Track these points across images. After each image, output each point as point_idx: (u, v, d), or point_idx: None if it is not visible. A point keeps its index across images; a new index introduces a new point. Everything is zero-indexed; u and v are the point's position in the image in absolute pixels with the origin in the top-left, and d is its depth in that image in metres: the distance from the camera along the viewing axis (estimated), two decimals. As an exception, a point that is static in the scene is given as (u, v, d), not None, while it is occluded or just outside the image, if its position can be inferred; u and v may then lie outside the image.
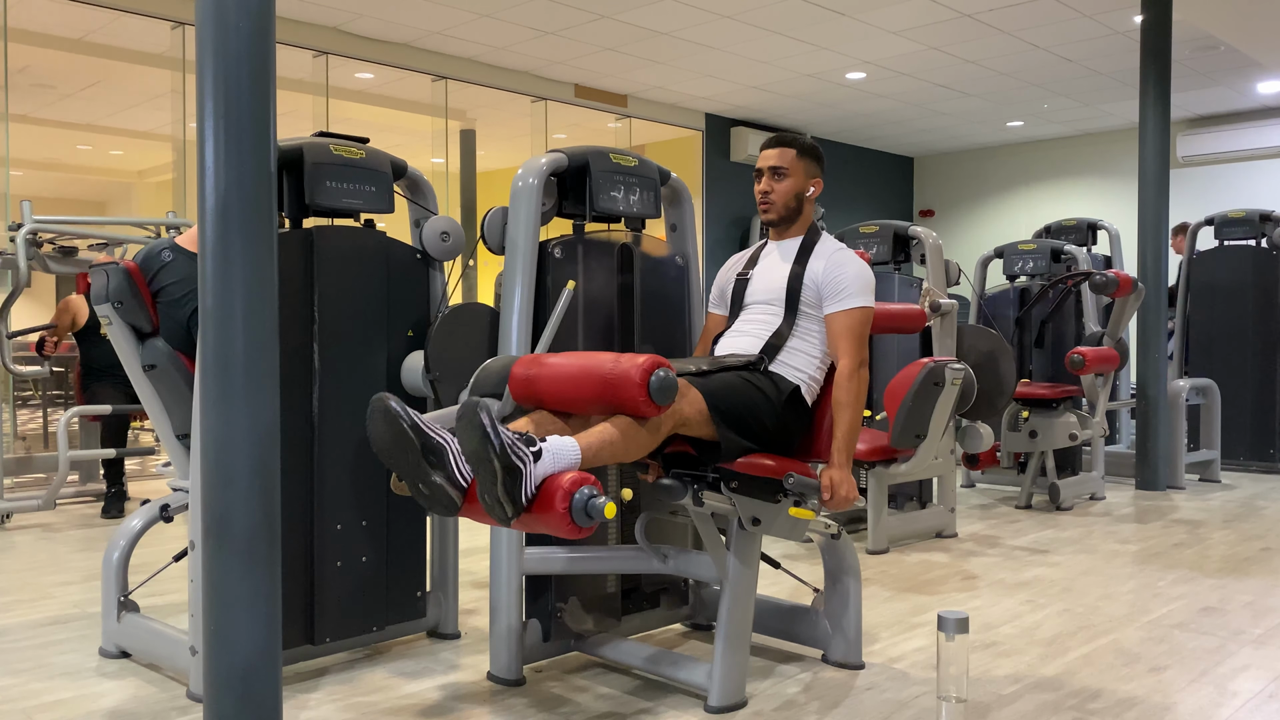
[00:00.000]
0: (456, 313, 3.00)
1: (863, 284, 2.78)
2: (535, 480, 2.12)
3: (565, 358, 2.42)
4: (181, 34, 6.87)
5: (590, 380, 2.32)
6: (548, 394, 2.41)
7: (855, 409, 2.66)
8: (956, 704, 2.38)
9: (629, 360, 2.28)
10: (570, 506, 2.08)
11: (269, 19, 2.21)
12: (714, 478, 2.62)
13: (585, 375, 2.33)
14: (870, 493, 4.48)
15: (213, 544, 2.20)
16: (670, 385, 2.27)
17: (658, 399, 2.26)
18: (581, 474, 2.15)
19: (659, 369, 2.26)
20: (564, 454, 2.18)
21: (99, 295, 2.98)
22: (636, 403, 2.26)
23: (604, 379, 2.29)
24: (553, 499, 2.09)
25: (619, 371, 2.27)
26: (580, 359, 2.38)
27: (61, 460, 5.01)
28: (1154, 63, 6.38)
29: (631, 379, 2.24)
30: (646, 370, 2.25)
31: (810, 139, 2.95)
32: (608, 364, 2.30)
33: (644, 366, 2.25)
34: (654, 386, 2.25)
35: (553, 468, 2.15)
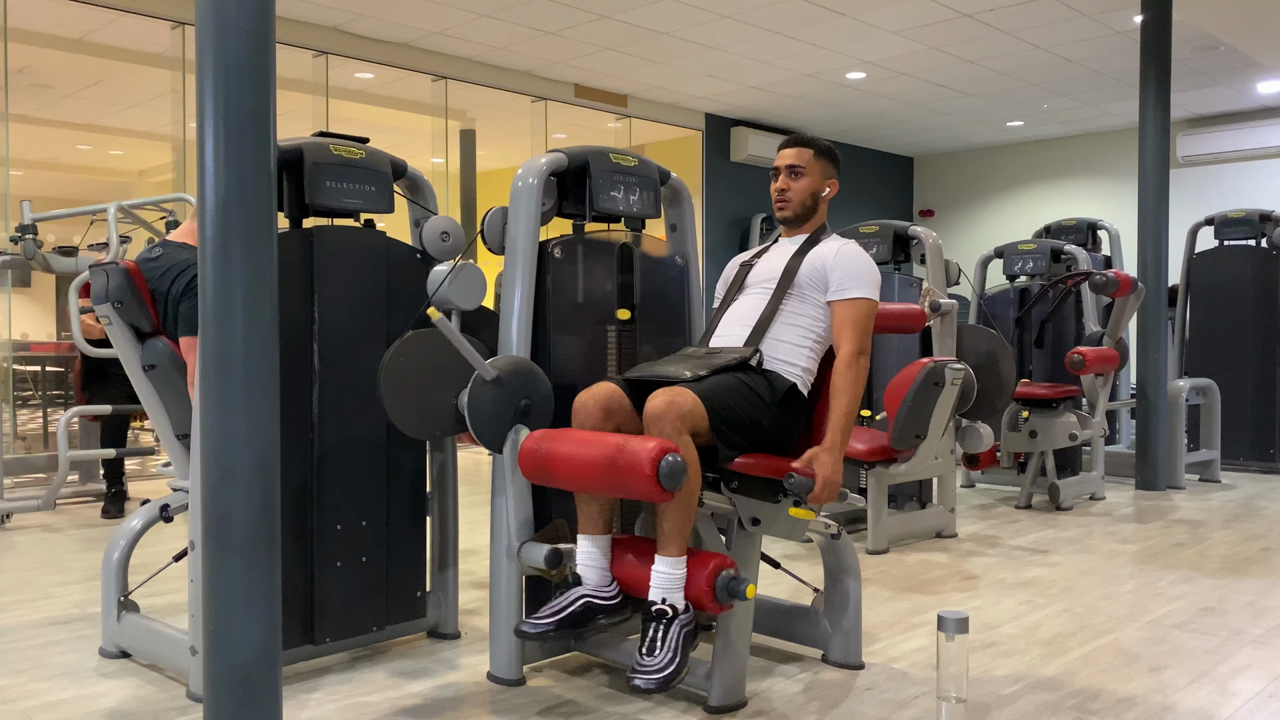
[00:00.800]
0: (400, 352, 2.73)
1: (870, 277, 2.79)
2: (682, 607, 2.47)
3: (573, 443, 2.49)
4: (181, 34, 6.88)
5: (600, 470, 2.39)
6: (557, 476, 2.52)
7: (852, 395, 2.66)
8: (956, 704, 2.38)
9: (637, 448, 2.32)
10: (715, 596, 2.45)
11: (269, 19, 2.21)
12: (714, 478, 2.63)
13: (594, 466, 2.40)
14: (870, 493, 4.48)
15: (213, 544, 2.20)
16: (679, 471, 2.31)
17: (667, 486, 2.30)
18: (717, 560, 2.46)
19: (666, 456, 2.30)
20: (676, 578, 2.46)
21: (99, 295, 2.98)
22: (650, 493, 2.31)
23: (613, 469, 2.35)
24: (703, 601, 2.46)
25: (628, 463, 2.32)
26: (588, 448, 2.44)
27: (61, 460, 5.01)
28: (1154, 63, 6.38)
29: (642, 470, 2.29)
30: (654, 460, 2.29)
31: (830, 143, 2.97)
32: (613, 451, 2.36)
33: (652, 457, 2.29)
34: (663, 473, 2.29)
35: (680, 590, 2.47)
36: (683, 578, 2.46)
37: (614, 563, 2.63)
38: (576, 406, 2.61)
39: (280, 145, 2.72)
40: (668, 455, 2.29)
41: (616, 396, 2.59)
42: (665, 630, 2.43)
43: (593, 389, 2.61)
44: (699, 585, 2.43)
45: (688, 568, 2.46)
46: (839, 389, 2.67)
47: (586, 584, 2.60)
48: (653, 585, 2.47)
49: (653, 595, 2.46)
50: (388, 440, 3.00)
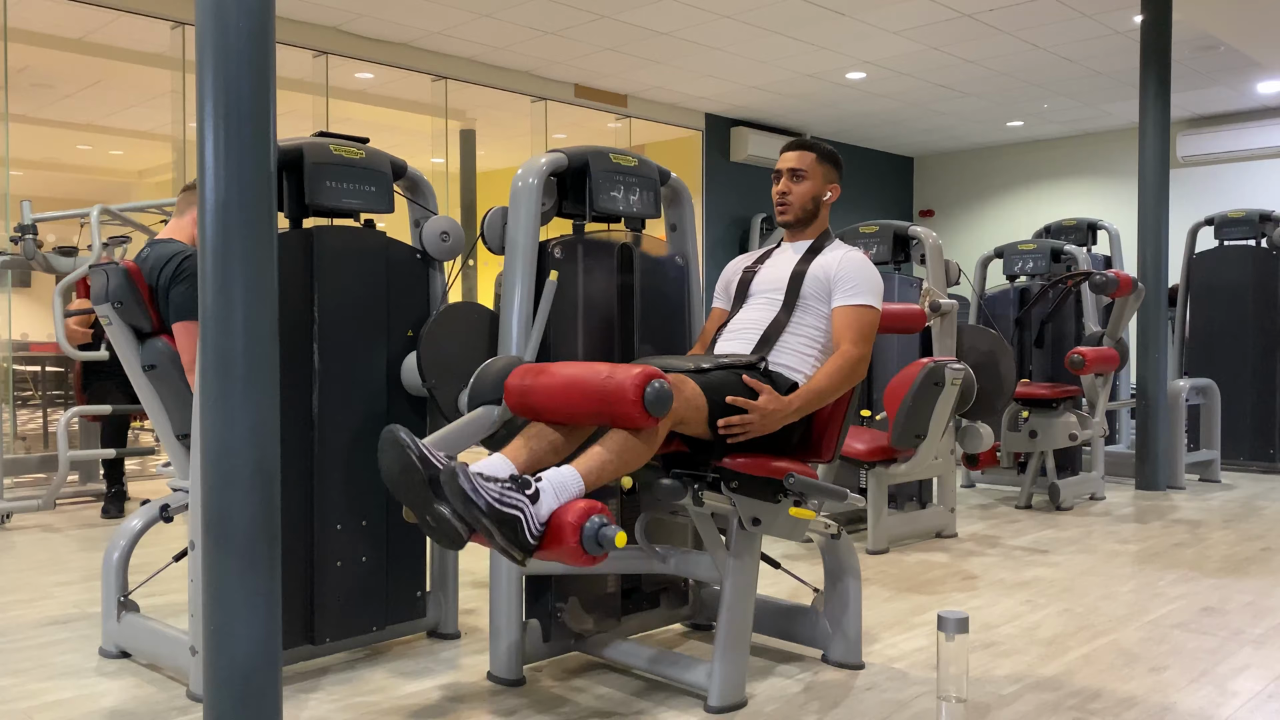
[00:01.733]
0: (447, 314, 3.00)
1: (873, 286, 2.80)
2: (539, 520, 2.12)
3: (560, 369, 2.41)
4: (181, 34, 6.87)
5: (585, 394, 2.30)
6: (543, 407, 2.41)
7: (830, 383, 2.66)
8: (956, 704, 2.38)
9: (623, 372, 2.27)
10: (581, 539, 2.10)
11: (269, 19, 2.21)
12: (714, 478, 2.62)
13: (579, 388, 2.31)
14: (870, 493, 4.48)
15: (213, 544, 2.20)
16: (666, 397, 2.26)
17: (653, 411, 2.25)
18: (589, 503, 2.14)
19: (653, 380, 2.25)
20: (566, 486, 2.18)
21: (99, 295, 2.98)
22: (632, 416, 2.25)
23: (598, 392, 2.27)
24: (562, 533, 2.11)
25: (613, 384, 2.25)
26: (574, 370, 2.37)
27: (61, 460, 5.01)
28: (1154, 63, 6.38)
29: (626, 393, 2.23)
30: (640, 384, 2.23)
31: (832, 147, 2.97)
32: (601, 376, 2.29)
33: (638, 380, 2.24)
34: (649, 399, 2.24)
35: (556, 502, 2.15)
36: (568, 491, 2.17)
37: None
38: None
39: (280, 145, 2.72)
40: (654, 381, 2.25)
41: None
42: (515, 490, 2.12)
43: None
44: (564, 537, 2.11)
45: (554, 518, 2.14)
46: (824, 371, 2.68)
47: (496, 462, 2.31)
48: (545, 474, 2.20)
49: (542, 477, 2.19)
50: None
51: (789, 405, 2.59)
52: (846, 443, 4.17)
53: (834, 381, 2.67)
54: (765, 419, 2.55)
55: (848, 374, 2.69)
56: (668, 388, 2.26)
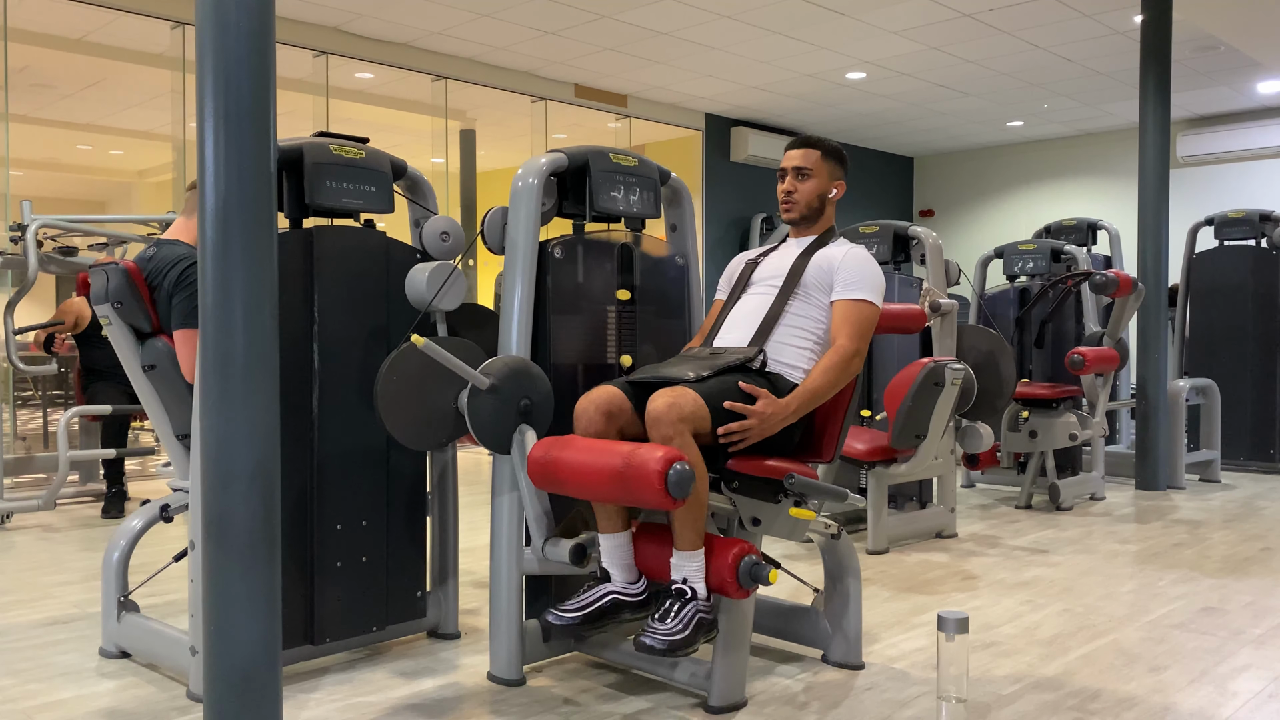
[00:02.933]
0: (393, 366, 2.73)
1: (874, 282, 2.80)
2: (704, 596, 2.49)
3: (581, 451, 2.48)
4: (181, 34, 6.87)
5: (608, 479, 2.38)
6: (566, 484, 2.50)
7: (826, 381, 2.68)
8: (956, 704, 2.38)
9: (646, 455, 2.32)
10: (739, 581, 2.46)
11: (269, 19, 2.21)
12: (714, 478, 2.63)
13: (603, 476, 2.39)
14: (870, 493, 4.48)
15: (213, 544, 2.20)
16: (687, 479, 2.31)
17: (676, 494, 2.30)
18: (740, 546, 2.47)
19: (675, 465, 2.30)
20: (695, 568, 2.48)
21: (99, 295, 2.98)
22: (656, 500, 2.31)
23: (621, 478, 2.35)
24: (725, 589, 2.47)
25: (636, 472, 2.32)
26: (595, 456, 2.43)
27: (61, 460, 5.01)
28: (1154, 63, 6.38)
29: (651, 482, 2.29)
30: (663, 471, 2.29)
31: (838, 144, 2.97)
32: (621, 461, 2.36)
33: (659, 469, 2.29)
34: (671, 483, 2.29)
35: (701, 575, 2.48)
36: (701, 567, 2.48)
37: (637, 554, 2.63)
38: (578, 412, 2.60)
39: (280, 145, 2.72)
40: (675, 465, 2.29)
41: (617, 400, 2.59)
42: (681, 606, 2.46)
43: (592, 394, 2.61)
44: (722, 571, 2.45)
45: (711, 555, 2.49)
46: (819, 369, 2.69)
47: (614, 580, 2.61)
48: (673, 569, 2.51)
49: (674, 576, 2.50)
50: (388, 440, 3.00)
51: (786, 408, 2.60)
52: (846, 443, 4.17)
53: (829, 379, 2.67)
54: (764, 423, 2.56)
55: (842, 370, 2.69)
56: (689, 470, 2.32)
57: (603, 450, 2.43)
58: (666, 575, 2.54)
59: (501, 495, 2.79)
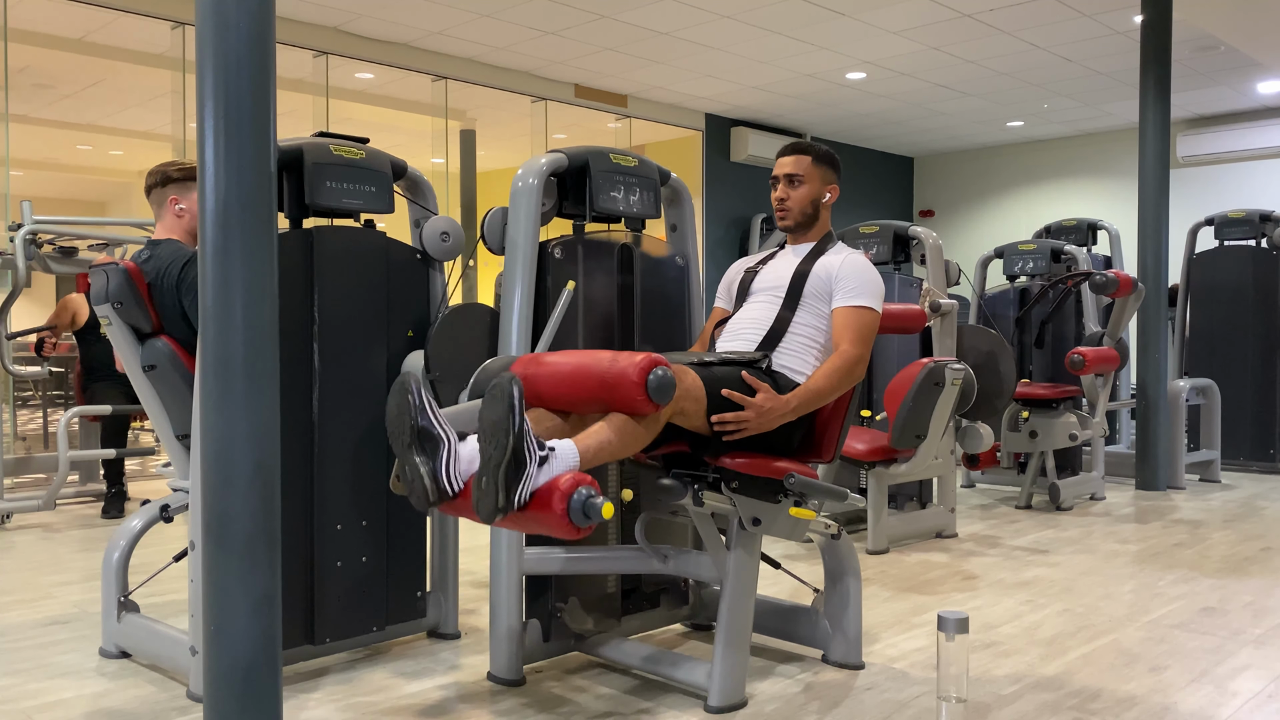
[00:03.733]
0: (457, 313, 3.00)
1: (874, 289, 2.80)
2: (534, 483, 2.12)
3: (564, 356, 2.41)
4: (181, 34, 6.87)
5: (588, 379, 2.31)
6: (546, 393, 2.40)
7: (828, 384, 2.66)
8: (956, 704, 2.38)
9: (627, 359, 2.27)
10: (568, 507, 2.07)
11: (269, 19, 2.21)
12: (714, 478, 2.62)
13: (583, 374, 2.32)
14: (870, 493, 4.48)
15: (213, 544, 2.20)
16: (668, 384, 2.26)
17: (656, 398, 2.25)
18: (578, 474, 2.13)
19: (657, 367, 2.25)
20: (564, 458, 2.18)
21: (99, 295, 2.98)
22: (635, 402, 2.25)
23: (602, 378, 2.28)
24: (550, 500, 2.09)
25: (617, 370, 2.26)
26: (578, 357, 2.38)
27: (61, 460, 5.01)
28: (1154, 63, 6.38)
29: (629, 378, 2.23)
30: (644, 369, 2.24)
31: (828, 147, 2.96)
32: (605, 362, 2.29)
33: (641, 365, 2.24)
34: (652, 385, 2.24)
35: (551, 474, 2.14)
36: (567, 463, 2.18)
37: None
38: None
39: (280, 145, 2.72)
40: (657, 368, 2.25)
41: None
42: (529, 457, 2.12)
43: None
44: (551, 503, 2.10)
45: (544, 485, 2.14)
46: (822, 372, 2.68)
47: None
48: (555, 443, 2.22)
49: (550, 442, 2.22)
50: (388, 440, 3.00)
51: (786, 405, 2.60)
52: (847, 443, 4.17)
53: (832, 382, 2.67)
54: (762, 417, 2.55)
55: (845, 374, 2.69)
56: (670, 375, 2.27)
57: (586, 355, 2.38)
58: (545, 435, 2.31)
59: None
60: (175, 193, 3.22)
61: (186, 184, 3.21)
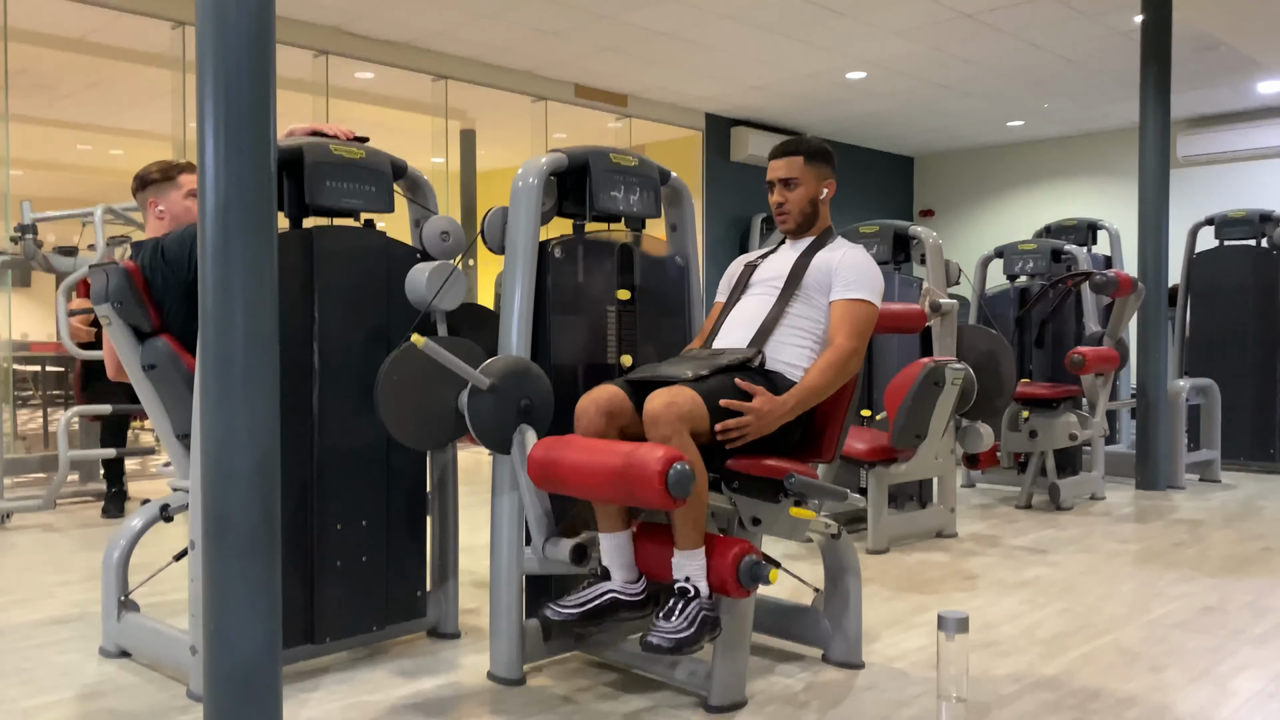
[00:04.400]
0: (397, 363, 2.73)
1: (873, 283, 2.80)
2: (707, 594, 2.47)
3: (581, 451, 2.48)
4: (181, 34, 6.87)
5: (608, 479, 2.38)
6: (566, 484, 2.50)
7: (823, 380, 2.67)
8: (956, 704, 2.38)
9: (645, 455, 2.32)
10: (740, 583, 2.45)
11: (269, 19, 2.21)
12: (714, 478, 2.63)
13: (603, 474, 2.40)
14: (870, 493, 4.48)
15: (213, 544, 2.20)
16: (687, 479, 2.31)
17: (676, 494, 2.30)
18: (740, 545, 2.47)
19: (675, 465, 2.30)
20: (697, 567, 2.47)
21: (99, 295, 2.98)
22: (656, 500, 2.31)
23: (622, 478, 2.35)
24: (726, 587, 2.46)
25: (636, 473, 2.32)
26: (595, 456, 2.44)
27: (61, 460, 5.01)
28: (1154, 63, 6.38)
29: (651, 482, 2.29)
30: (663, 471, 2.29)
31: (819, 141, 2.95)
32: (621, 461, 2.36)
33: (660, 468, 2.29)
34: (672, 483, 2.29)
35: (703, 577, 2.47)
36: (703, 566, 2.48)
37: (637, 554, 2.63)
38: (578, 412, 2.60)
39: (280, 145, 2.72)
40: (675, 464, 2.29)
41: (618, 399, 2.59)
42: (685, 605, 2.46)
43: (593, 393, 2.61)
44: (722, 570, 2.45)
45: (712, 554, 2.48)
46: (817, 367, 2.69)
47: (614, 580, 2.61)
48: (675, 569, 2.50)
49: (675, 575, 2.50)
50: (388, 440, 3.00)
51: (784, 405, 2.60)
52: (847, 443, 4.16)
53: (827, 377, 2.67)
54: (762, 420, 2.56)
55: (840, 368, 2.69)
56: (689, 469, 2.32)
57: (603, 450, 2.43)
58: (667, 575, 2.54)
59: (501, 495, 2.79)
60: (153, 194, 3.22)
61: (163, 185, 3.21)
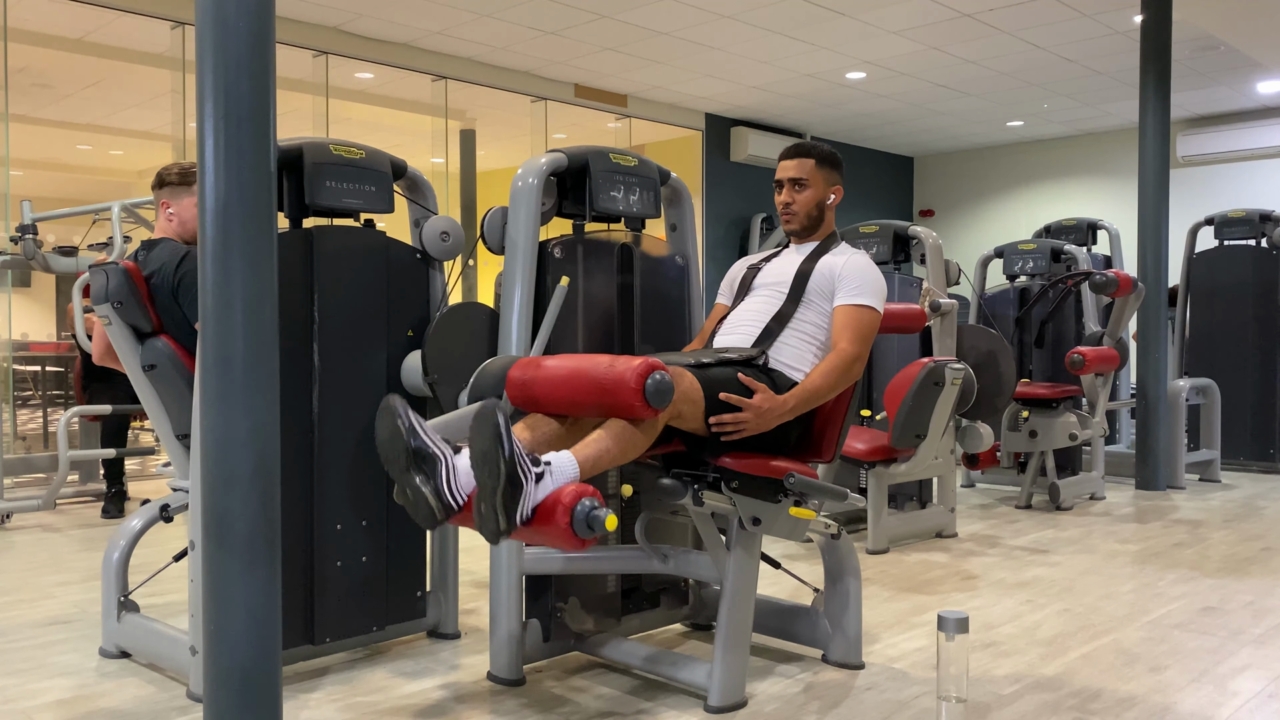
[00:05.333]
0: (454, 313, 3.00)
1: (877, 289, 2.81)
2: (534, 500, 2.11)
3: (561, 361, 2.41)
4: (181, 34, 6.87)
5: (586, 384, 2.30)
6: (544, 398, 2.40)
7: (825, 383, 2.66)
8: (956, 704, 2.38)
9: (624, 363, 2.27)
10: (572, 520, 2.08)
11: (269, 19, 2.21)
12: (714, 477, 2.62)
13: (580, 379, 2.31)
14: (870, 493, 4.48)
15: (213, 544, 2.20)
16: (666, 388, 2.26)
17: (654, 402, 2.25)
18: (581, 486, 2.13)
19: (655, 372, 2.25)
20: (564, 470, 2.18)
21: (99, 295, 2.98)
22: (633, 407, 2.24)
23: (599, 383, 2.27)
24: (553, 512, 2.09)
25: (614, 375, 2.25)
26: (576, 362, 2.37)
27: (61, 460, 5.01)
28: (1154, 63, 6.38)
29: (627, 383, 2.22)
30: (642, 374, 2.23)
31: (830, 147, 2.96)
32: (603, 367, 2.28)
33: (639, 370, 2.23)
34: (650, 390, 2.23)
35: (552, 487, 2.14)
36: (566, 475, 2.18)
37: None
38: None
39: (280, 145, 2.72)
40: (655, 372, 2.25)
41: None
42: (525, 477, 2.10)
43: None
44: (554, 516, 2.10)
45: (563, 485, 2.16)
46: (820, 370, 2.68)
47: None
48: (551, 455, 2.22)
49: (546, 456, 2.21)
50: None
51: (784, 405, 2.60)
52: (847, 443, 4.17)
53: (829, 380, 2.67)
54: (760, 418, 2.55)
55: (843, 373, 2.69)
56: (668, 379, 2.26)
57: (584, 359, 2.37)
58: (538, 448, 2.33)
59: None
60: (167, 196, 3.22)
61: (178, 188, 3.21)
